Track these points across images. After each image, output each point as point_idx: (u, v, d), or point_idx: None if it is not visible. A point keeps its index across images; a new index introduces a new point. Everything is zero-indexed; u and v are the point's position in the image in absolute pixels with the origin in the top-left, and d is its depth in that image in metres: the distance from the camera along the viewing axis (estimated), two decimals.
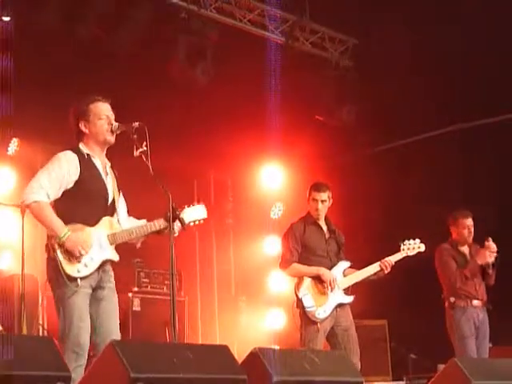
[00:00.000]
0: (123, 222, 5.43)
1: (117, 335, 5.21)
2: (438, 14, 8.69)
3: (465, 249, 7.99)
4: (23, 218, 7.94)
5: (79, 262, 5.09)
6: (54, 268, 5.09)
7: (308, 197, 7.25)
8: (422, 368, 8.92)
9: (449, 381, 5.36)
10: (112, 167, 5.48)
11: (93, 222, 5.21)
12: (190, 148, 10.10)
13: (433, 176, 9.91)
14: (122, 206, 5.48)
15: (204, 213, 5.51)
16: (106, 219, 5.26)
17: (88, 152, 5.30)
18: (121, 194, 5.50)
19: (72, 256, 5.07)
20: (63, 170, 5.17)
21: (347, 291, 7.07)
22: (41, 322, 8.48)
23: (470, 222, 7.92)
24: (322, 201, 7.17)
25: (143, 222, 5.42)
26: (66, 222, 5.12)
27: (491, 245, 7.75)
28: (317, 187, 7.22)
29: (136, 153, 5.16)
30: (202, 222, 5.53)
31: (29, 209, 5.19)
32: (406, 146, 10.60)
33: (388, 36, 8.88)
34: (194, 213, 5.45)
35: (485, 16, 8.50)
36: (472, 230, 7.92)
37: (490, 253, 7.73)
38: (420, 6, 8.66)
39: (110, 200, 5.33)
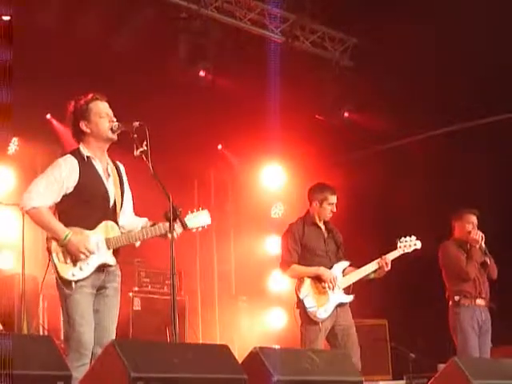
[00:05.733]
0: (127, 220, 5.41)
1: (112, 334, 5.20)
2: (438, 12, 8.68)
3: (467, 248, 7.95)
4: (23, 217, 7.89)
5: (75, 265, 5.09)
6: (54, 269, 5.11)
7: (321, 200, 7.10)
8: (423, 367, 8.89)
9: (449, 380, 5.35)
10: (115, 163, 5.44)
11: (92, 225, 5.19)
12: (191, 147, 10.10)
13: (432, 175, 9.91)
14: (127, 203, 5.44)
15: (208, 219, 5.45)
16: (105, 223, 5.23)
17: (88, 154, 5.27)
18: (127, 190, 5.47)
19: (75, 258, 5.08)
20: (62, 176, 5.15)
21: (348, 290, 7.06)
22: (41, 321, 8.47)
23: (474, 219, 7.88)
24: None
25: (145, 220, 5.41)
26: (66, 225, 5.12)
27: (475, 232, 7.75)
28: (333, 191, 7.12)
29: (136, 152, 5.13)
30: (205, 227, 5.49)
31: (28, 215, 5.17)
32: (405, 145, 10.60)
33: (388, 35, 8.87)
34: (196, 219, 5.41)
35: (485, 15, 8.48)
36: (475, 228, 7.86)
37: (472, 236, 7.73)
38: (420, 4, 8.64)
39: (111, 203, 5.30)
